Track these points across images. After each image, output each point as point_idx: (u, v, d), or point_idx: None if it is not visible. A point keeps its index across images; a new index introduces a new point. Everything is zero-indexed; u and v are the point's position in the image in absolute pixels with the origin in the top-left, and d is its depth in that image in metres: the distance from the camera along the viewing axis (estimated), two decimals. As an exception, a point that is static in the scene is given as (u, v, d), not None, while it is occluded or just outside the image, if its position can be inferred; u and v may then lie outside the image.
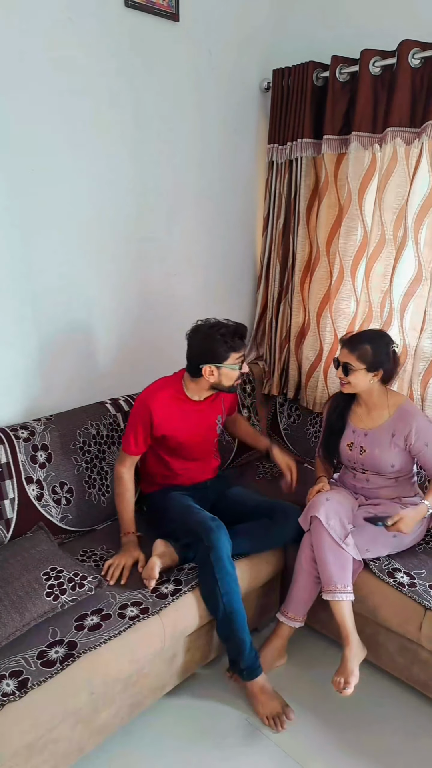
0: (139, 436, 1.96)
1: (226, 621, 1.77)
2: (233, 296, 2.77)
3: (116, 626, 1.61)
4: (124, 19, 1.99)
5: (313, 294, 2.51)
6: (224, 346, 1.87)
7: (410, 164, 2.08)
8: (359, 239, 2.29)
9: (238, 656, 1.80)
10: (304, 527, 1.92)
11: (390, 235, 2.18)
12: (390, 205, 2.15)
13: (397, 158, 2.09)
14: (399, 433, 1.95)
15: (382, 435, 1.98)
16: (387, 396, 2.01)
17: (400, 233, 2.13)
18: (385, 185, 2.12)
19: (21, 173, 1.85)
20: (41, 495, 1.94)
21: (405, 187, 2.10)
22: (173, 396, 1.98)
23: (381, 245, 2.21)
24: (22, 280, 1.95)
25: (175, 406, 1.97)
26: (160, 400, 1.94)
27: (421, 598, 1.74)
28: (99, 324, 2.23)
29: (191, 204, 2.43)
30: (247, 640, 1.79)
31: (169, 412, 1.96)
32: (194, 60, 2.26)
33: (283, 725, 1.76)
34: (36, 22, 1.77)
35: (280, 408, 2.77)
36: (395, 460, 1.97)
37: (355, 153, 2.19)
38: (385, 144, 2.09)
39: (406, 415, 1.95)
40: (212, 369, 1.89)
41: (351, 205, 2.25)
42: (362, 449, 2.01)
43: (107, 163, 2.08)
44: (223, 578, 1.75)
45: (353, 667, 1.75)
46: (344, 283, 2.36)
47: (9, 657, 1.49)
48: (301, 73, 2.30)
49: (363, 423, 2.03)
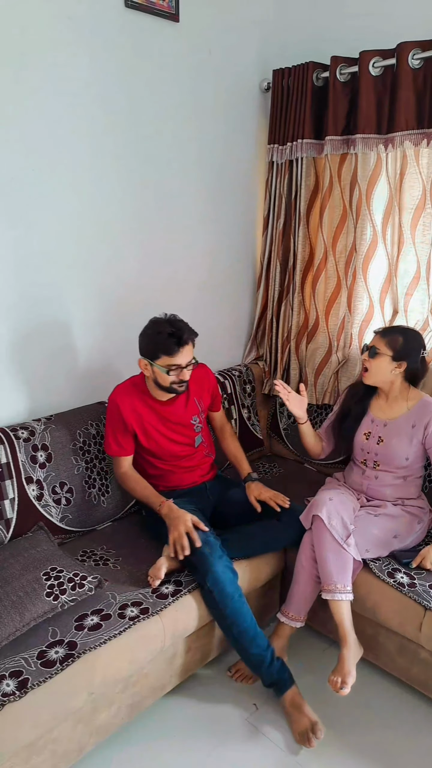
0: (117, 435, 1.97)
1: (237, 643, 1.78)
2: (233, 296, 2.77)
3: (116, 626, 1.61)
4: (124, 19, 1.99)
5: (320, 293, 2.51)
6: (157, 346, 1.85)
7: (421, 164, 2.11)
8: (369, 239, 2.29)
9: (260, 673, 1.79)
10: (305, 526, 1.92)
11: (408, 235, 2.21)
12: (406, 206, 2.18)
13: (407, 162, 2.12)
14: (419, 423, 1.96)
15: (401, 426, 1.99)
16: (408, 391, 2.02)
17: (419, 234, 2.17)
18: (401, 187, 2.15)
19: (20, 172, 1.85)
20: (41, 495, 1.95)
21: (419, 189, 2.14)
22: (139, 395, 1.99)
23: (401, 245, 2.23)
24: (19, 277, 1.95)
25: (142, 403, 1.98)
26: (126, 397, 1.96)
27: (421, 598, 1.74)
28: (99, 324, 2.22)
29: (191, 204, 2.43)
30: (266, 656, 1.77)
31: (137, 407, 1.97)
32: (194, 60, 2.27)
33: (311, 743, 1.71)
34: (36, 22, 1.77)
35: (280, 408, 2.77)
36: (410, 453, 1.98)
37: (361, 156, 2.21)
38: (393, 147, 2.12)
39: (428, 405, 1.97)
40: (146, 363, 1.90)
41: (362, 206, 2.26)
42: (380, 439, 2.02)
43: (106, 164, 2.08)
44: (223, 601, 1.73)
45: (350, 667, 1.74)
46: (357, 282, 2.35)
47: (9, 657, 1.48)
48: (301, 73, 2.30)
49: (383, 413, 2.05)
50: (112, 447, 1.99)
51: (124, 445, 1.99)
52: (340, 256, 2.41)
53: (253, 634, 1.77)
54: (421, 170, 2.11)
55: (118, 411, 1.95)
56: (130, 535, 2.08)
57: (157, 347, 1.85)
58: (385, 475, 2.03)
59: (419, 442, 1.97)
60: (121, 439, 1.98)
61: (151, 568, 1.81)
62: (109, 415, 1.99)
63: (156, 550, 1.94)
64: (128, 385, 2.01)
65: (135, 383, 2.01)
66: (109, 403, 1.99)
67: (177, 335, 1.84)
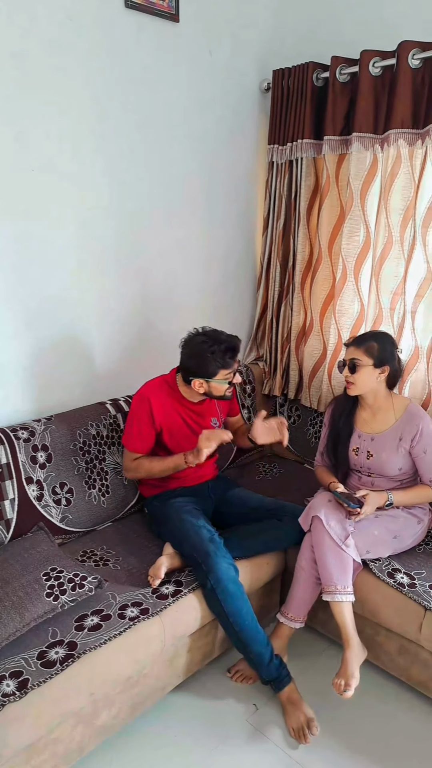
0: (143, 429, 1.96)
1: (238, 640, 1.79)
2: (233, 297, 2.77)
3: (116, 627, 1.61)
4: (124, 19, 1.99)
5: (316, 294, 2.51)
6: (214, 364, 1.87)
7: (414, 165, 2.08)
8: (362, 240, 2.29)
9: (259, 670, 1.81)
10: (304, 528, 1.92)
11: (397, 236, 2.19)
12: (396, 207, 2.16)
13: (401, 160, 2.10)
14: (406, 436, 1.95)
15: (389, 439, 1.97)
16: (392, 399, 2.01)
17: (408, 235, 2.14)
18: (391, 187, 2.13)
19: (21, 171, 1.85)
20: (41, 495, 1.94)
21: (410, 189, 2.11)
22: (170, 393, 1.99)
23: (389, 247, 2.21)
24: (21, 280, 1.95)
25: (172, 401, 1.99)
26: (158, 394, 1.96)
27: (421, 598, 1.74)
28: (99, 324, 2.22)
29: (191, 204, 2.43)
30: (265, 654, 1.79)
31: (167, 406, 1.97)
32: (194, 60, 2.26)
33: (306, 739, 1.74)
34: (36, 22, 1.77)
35: (280, 408, 2.77)
36: (402, 463, 1.98)
37: (357, 154, 2.20)
38: (387, 146, 2.10)
39: (413, 417, 1.95)
40: (201, 382, 1.90)
41: (353, 206, 2.25)
42: (369, 454, 2.01)
43: (106, 163, 2.08)
44: (226, 599, 1.74)
45: (354, 669, 1.74)
46: (347, 284, 2.36)
47: (9, 657, 1.48)
48: (301, 73, 2.30)
49: (369, 427, 2.03)
50: (135, 440, 1.97)
51: (147, 440, 1.98)
52: (336, 257, 2.40)
53: (253, 632, 1.78)
54: (413, 171, 2.09)
55: (149, 406, 1.94)
56: (131, 535, 2.08)
57: (215, 365, 1.87)
58: (381, 481, 2.03)
59: (408, 452, 1.96)
60: (145, 433, 1.96)
61: (151, 568, 1.81)
62: (136, 409, 1.97)
63: (156, 550, 1.94)
64: (160, 382, 2.01)
65: (167, 381, 2.01)
66: (138, 398, 1.97)
67: (231, 348, 1.88)
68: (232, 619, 1.75)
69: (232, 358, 1.90)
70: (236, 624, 1.76)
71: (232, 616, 1.75)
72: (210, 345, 1.86)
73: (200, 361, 1.87)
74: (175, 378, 2.01)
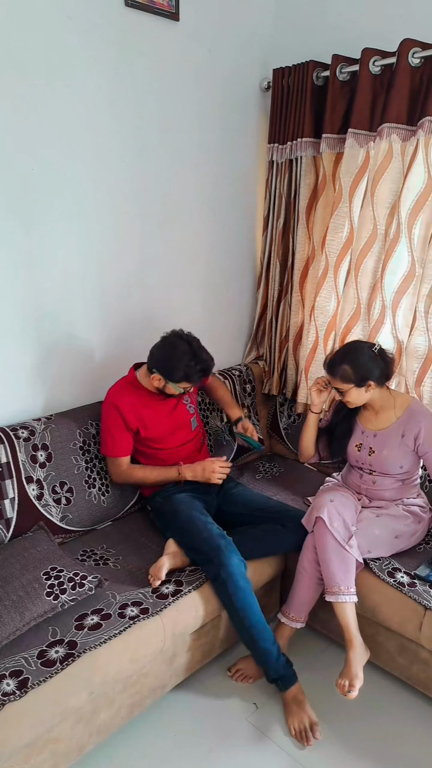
0: (117, 435, 1.99)
1: (248, 636, 1.79)
2: (234, 296, 2.77)
3: (116, 626, 1.61)
4: (124, 18, 1.99)
5: (308, 293, 2.51)
6: (182, 374, 1.91)
7: (405, 160, 2.07)
8: (345, 236, 2.28)
9: (267, 667, 1.81)
10: (307, 528, 1.92)
11: (382, 230, 2.17)
12: (383, 201, 2.14)
13: (392, 154, 2.08)
14: (409, 433, 1.95)
15: (391, 436, 1.98)
16: (393, 397, 2.01)
17: (393, 229, 2.12)
18: (379, 180, 2.11)
19: (21, 173, 1.85)
20: (41, 495, 1.94)
21: (399, 183, 2.10)
22: (133, 391, 2.03)
23: (372, 241, 2.19)
24: (23, 280, 1.95)
25: (138, 398, 2.02)
26: (123, 398, 2.00)
27: (421, 597, 1.74)
28: (99, 324, 2.22)
29: (191, 204, 2.43)
30: (273, 651, 1.79)
31: (136, 404, 2.01)
32: (194, 60, 2.26)
33: (309, 741, 1.73)
34: (36, 21, 1.77)
35: (280, 408, 2.77)
36: (404, 461, 1.98)
37: (350, 150, 2.19)
38: (380, 140, 2.08)
39: (415, 415, 1.95)
40: (161, 379, 1.94)
41: (342, 202, 2.24)
42: (371, 450, 2.01)
43: (106, 163, 2.07)
44: (237, 593, 1.75)
45: (357, 670, 1.73)
46: (327, 280, 2.36)
47: (9, 657, 1.49)
48: (301, 72, 2.30)
49: (372, 424, 2.03)
50: (117, 450, 2.01)
51: (124, 444, 2.01)
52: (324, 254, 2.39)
53: (262, 627, 1.78)
54: (404, 166, 2.07)
55: (119, 412, 1.98)
56: (131, 534, 2.08)
57: (183, 376, 1.91)
58: (382, 479, 2.03)
59: (411, 450, 1.96)
60: (122, 438, 2.00)
61: (152, 567, 1.81)
62: (106, 417, 2.00)
63: (156, 549, 1.94)
64: (122, 384, 2.05)
65: (128, 381, 2.06)
66: (106, 407, 2.01)
67: (204, 369, 1.93)
68: (243, 614, 1.76)
69: (200, 378, 1.95)
70: (246, 619, 1.76)
71: (243, 611, 1.76)
72: (189, 359, 1.90)
73: (172, 365, 1.91)
74: (135, 374, 2.05)
